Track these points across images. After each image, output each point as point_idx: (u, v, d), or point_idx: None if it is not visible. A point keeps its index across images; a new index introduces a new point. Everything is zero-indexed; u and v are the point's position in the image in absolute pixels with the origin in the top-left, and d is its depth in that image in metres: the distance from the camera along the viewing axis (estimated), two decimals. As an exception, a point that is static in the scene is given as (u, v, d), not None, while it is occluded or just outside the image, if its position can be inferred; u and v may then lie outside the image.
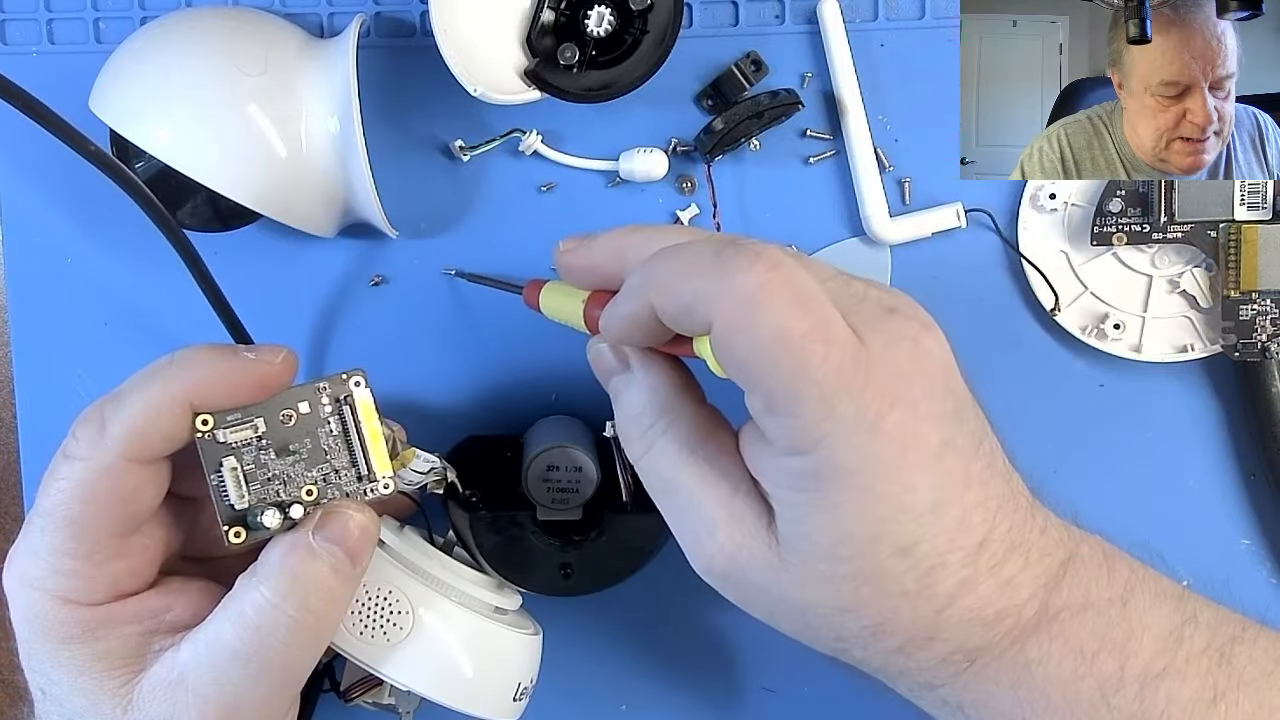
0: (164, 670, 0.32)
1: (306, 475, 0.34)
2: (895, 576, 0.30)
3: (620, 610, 0.45)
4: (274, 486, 0.33)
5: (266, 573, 0.32)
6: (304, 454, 0.34)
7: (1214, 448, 0.47)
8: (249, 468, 0.33)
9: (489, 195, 0.46)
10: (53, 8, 0.46)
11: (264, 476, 0.33)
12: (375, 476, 0.34)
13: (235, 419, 0.33)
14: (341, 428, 0.34)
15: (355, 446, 0.34)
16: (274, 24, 0.43)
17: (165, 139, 0.40)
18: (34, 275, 0.47)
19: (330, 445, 0.34)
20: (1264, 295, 0.45)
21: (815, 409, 0.29)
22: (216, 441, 0.32)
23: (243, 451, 0.33)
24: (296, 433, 0.34)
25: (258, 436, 0.33)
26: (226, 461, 0.33)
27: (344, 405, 0.34)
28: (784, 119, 0.45)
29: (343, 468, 0.34)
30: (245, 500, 0.33)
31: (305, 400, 0.34)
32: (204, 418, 0.32)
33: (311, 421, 0.34)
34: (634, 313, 0.32)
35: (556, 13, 0.42)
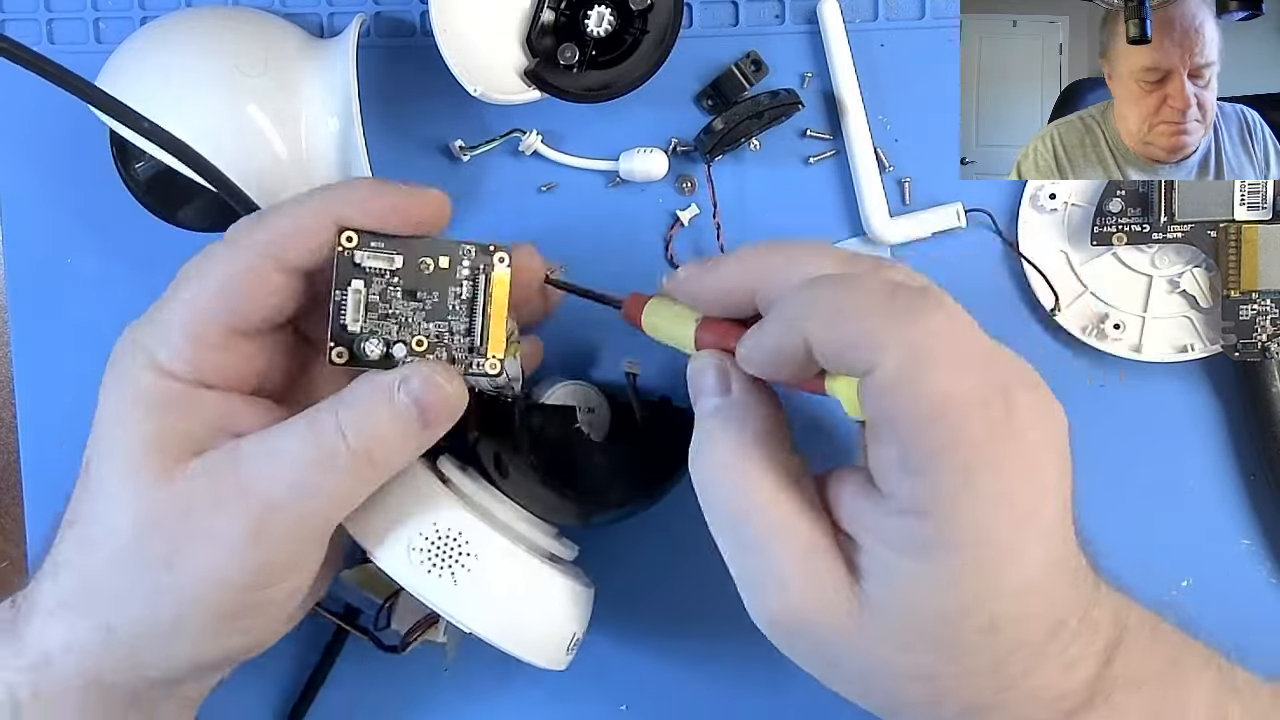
0: (221, 455, 0.33)
1: (423, 326, 0.34)
2: (976, 652, 0.29)
3: (619, 610, 0.45)
4: (390, 324, 0.34)
5: (348, 401, 0.33)
6: (428, 305, 0.34)
7: (1214, 448, 0.47)
8: (373, 297, 0.33)
9: (489, 195, 0.46)
10: (53, 8, 0.46)
11: (384, 310, 0.33)
12: (486, 353, 0.34)
13: (378, 246, 0.33)
14: (471, 293, 0.34)
15: (478, 317, 0.34)
16: (274, 24, 0.43)
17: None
18: (34, 275, 0.47)
19: (455, 306, 0.34)
20: (1264, 295, 0.45)
21: (955, 477, 0.28)
22: (353, 262, 0.33)
23: (373, 279, 0.33)
24: (428, 282, 0.34)
25: (392, 270, 0.33)
26: (355, 282, 0.33)
27: (481, 274, 0.34)
28: (784, 119, 0.45)
29: (459, 332, 0.34)
30: (358, 324, 0.33)
31: (447, 255, 0.34)
32: (349, 234, 0.33)
33: (446, 277, 0.34)
34: (783, 346, 0.30)
35: (556, 13, 0.42)
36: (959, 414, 0.27)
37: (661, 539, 0.46)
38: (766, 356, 0.32)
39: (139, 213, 0.44)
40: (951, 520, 0.28)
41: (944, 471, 0.28)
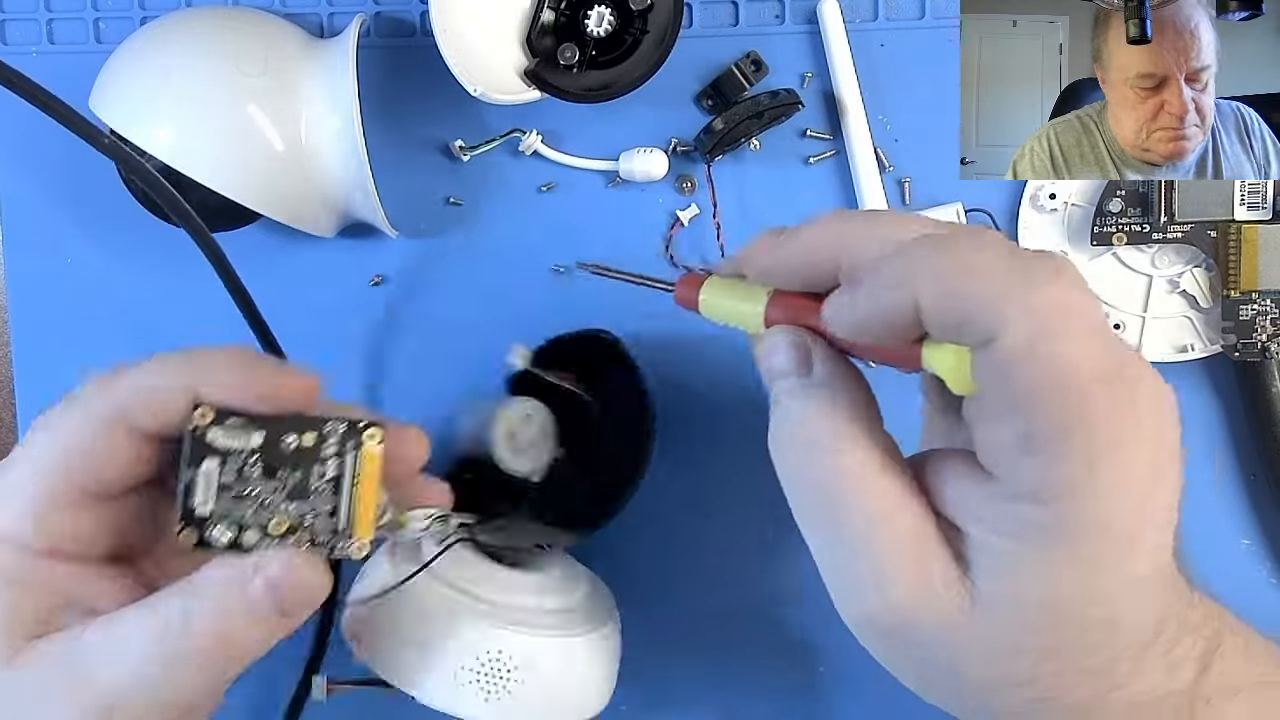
0: (65, 642, 0.30)
1: (283, 506, 0.31)
2: (1091, 651, 0.27)
3: (620, 611, 0.45)
4: (246, 506, 0.31)
5: (196, 590, 0.30)
6: (290, 483, 0.31)
7: (1214, 448, 0.47)
8: (228, 478, 0.30)
9: (489, 195, 0.46)
10: (53, 8, 0.46)
11: (239, 491, 0.31)
12: (352, 535, 0.31)
13: (235, 423, 0.30)
14: (338, 473, 0.31)
15: (344, 498, 0.31)
16: (274, 24, 0.43)
17: (165, 139, 0.40)
18: (34, 275, 0.47)
19: (319, 487, 0.31)
20: (1264, 295, 0.45)
21: (1080, 460, 0.26)
22: (204, 440, 0.30)
23: (228, 458, 0.30)
24: (291, 459, 0.31)
25: (250, 450, 0.30)
26: (207, 463, 0.30)
27: (349, 453, 0.31)
28: (784, 119, 0.45)
29: (322, 514, 0.31)
30: (208, 507, 0.30)
31: (313, 431, 0.31)
32: (203, 410, 0.30)
33: (310, 455, 0.31)
34: (889, 307, 0.27)
35: (556, 13, 0.42)
36: (1088, 389, 0.25)
37: (663, 536, 0.46)
38: (863, 317, 0.28)
39: (139, 213, 0.44)
40: (1073, 506, 0.26)
41: (1069, 451, 0.26)
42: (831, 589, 0.29)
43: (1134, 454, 0.27)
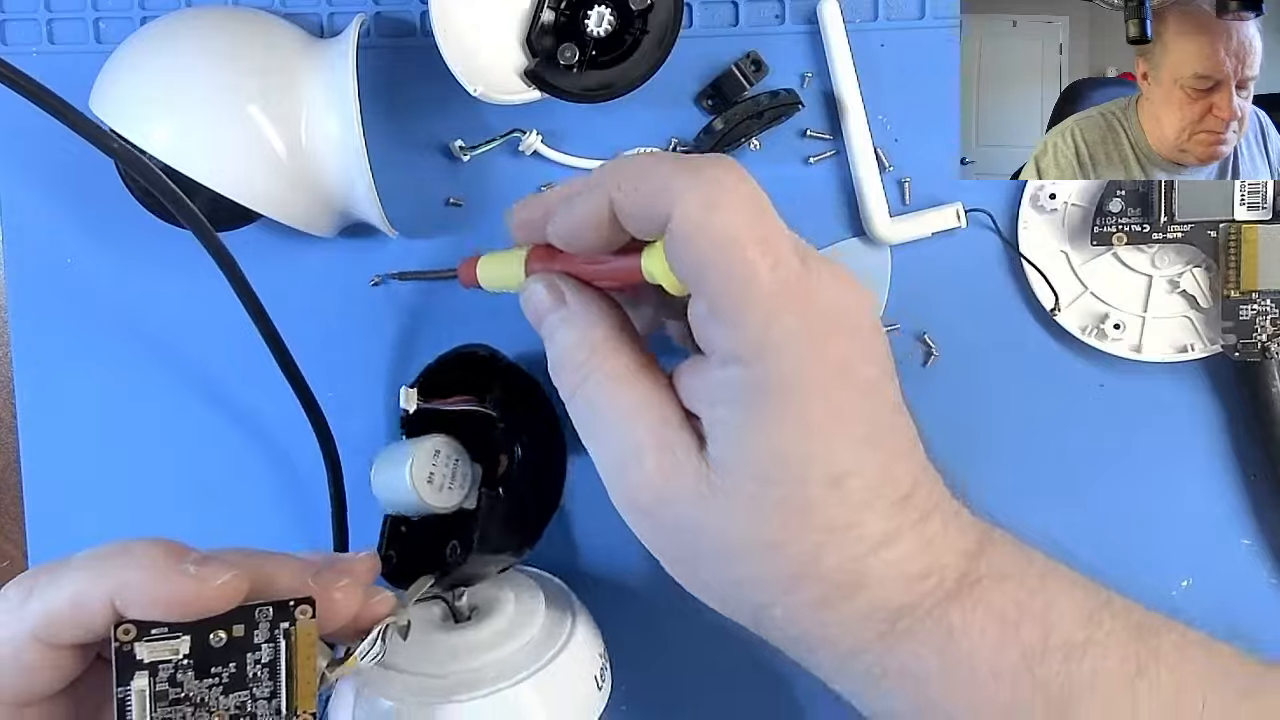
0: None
1: (221, 701, 0.31)
2: (823, 508, 0.30)
3: (621, 611, 0.45)
4: (183, 709, 0.30)
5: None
6: (224, 679, 0.31)
7: (1214, 448, 0.47)
8: (161, 687, 0.30)
9: (489, 195, 0.46)
10: (53, 8, 0.46)
11: (175, 696, 0.30)
12: (298, 711, 0.31)
13: (160, 634, 0.30)
14: (273, 656, 0.31)
15: (281, 678, 0.31)
16: (274, 24, 0.43)
17: (165, 139, 0.40)
18: (34, 275, 0.47)
19: (256, 673, 0.31)
20: (1264, 295, 0.45)
21: (760, 317, 0.29)
22: (133, 657, 0.29)
23: (159, 669, 0.30)
24: (222, 655, 0.30)
25: (180, 657, 0.30)
26: (138, 678, 0.30)
27: (281, 635, 0.31)
28: (784, 119, 0.45)
29: (262, 698, 0.31)
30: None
31: (242, 623, 0.30)
32: (126, 627, 0.29)
33: (242, 645, 0.31)
34: (590, 210, 0.32)
35: (556, 13, 0.42)
36: (750, 256, 0.29)
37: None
38: (574, 222, 0.33)
39: (139, 213, 0.44)
40: (768, 362, 0.29)
41: (750, 311, 0.29)
42: (604, 478, 0.33)
43: (815, 327, 0.30)
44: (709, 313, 0.30)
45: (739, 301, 0.29)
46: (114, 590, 0.29)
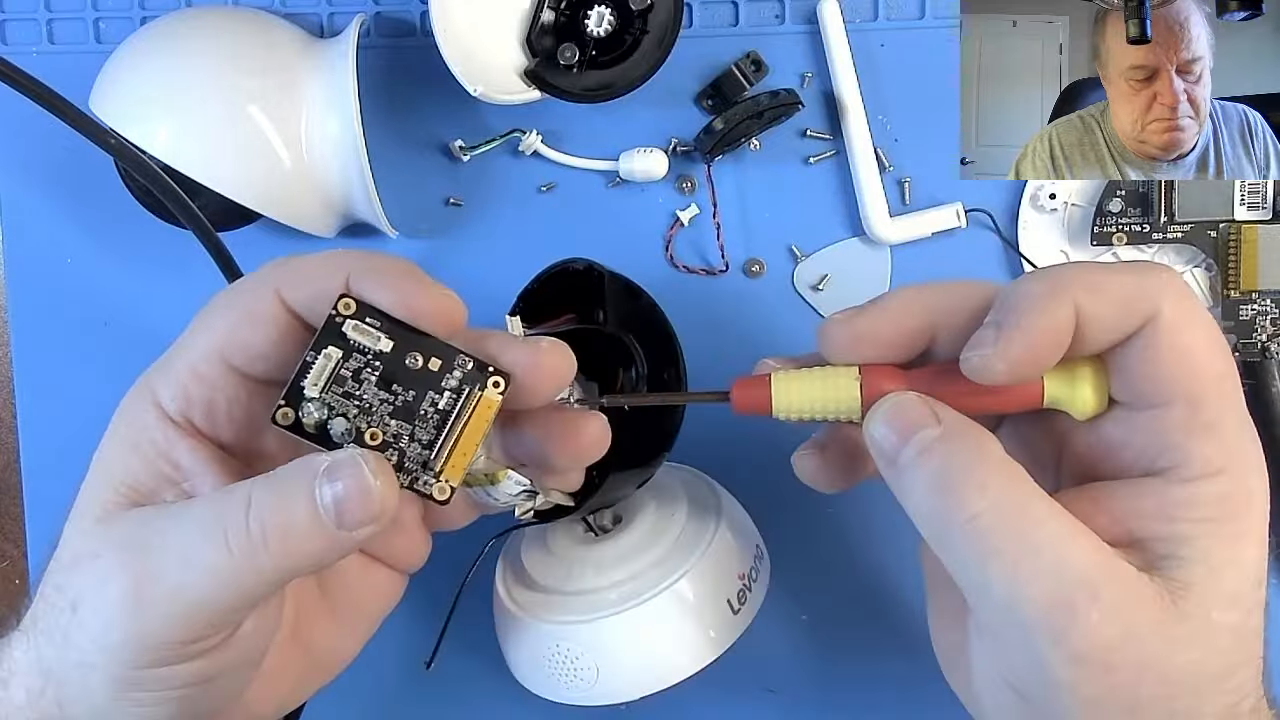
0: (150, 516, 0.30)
1: (385, 420, 0.30)
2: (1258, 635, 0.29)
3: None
4: (349, 406, 0.30)
5: (266, 482, 0.29)
6: (399, 401, 0.30)
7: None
8: (344, 371, 0.30)
9: (489, 195, 0.46)
10: (53, 8, 0.46)
11: (349, 389, 0.30)
12: (439, 474, 0.30)
13: (372, 323, 0.30)
14: (450, 406, 0.30)
15: (445, 434, 0.30)
16: (274, 24, 0.43)
17: (165, 139, 0.40)
18: (34, 275, 0.47)
19: (426, 412, 0.30)
20: (1264, 295, 0.45)
21: (1235, 427, 0.28)
22: (339, 330, 0.30)
23: (351, 354, 0.30)
24: (409, 378, 0.30)
25: (375, 353, 0.30)
26: (331, 349, 0.30)
27: (467, 390, 0.30)
28: (784, 119, 0.45)
29: (420, 441, 0.30)
30: (315, 390, 0.30)
31: (440, 359, 0.30)
32: (347, 301, 0.30)
33: (429, 379, 0.30)
34: (1052, 324, 0.28)
35: (556, 13, 0.42)
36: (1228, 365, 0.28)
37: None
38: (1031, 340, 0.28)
39: (139, 213, 0.44)
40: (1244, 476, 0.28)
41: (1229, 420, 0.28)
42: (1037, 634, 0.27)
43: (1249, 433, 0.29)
44: (1187, 420, 0.28)
45: (1224, 408, 0.28)
46: (355, 269, 0.30)
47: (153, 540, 0.29)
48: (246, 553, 0.29)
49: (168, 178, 0.37)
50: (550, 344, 0.32)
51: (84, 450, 0.46)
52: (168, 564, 0.29)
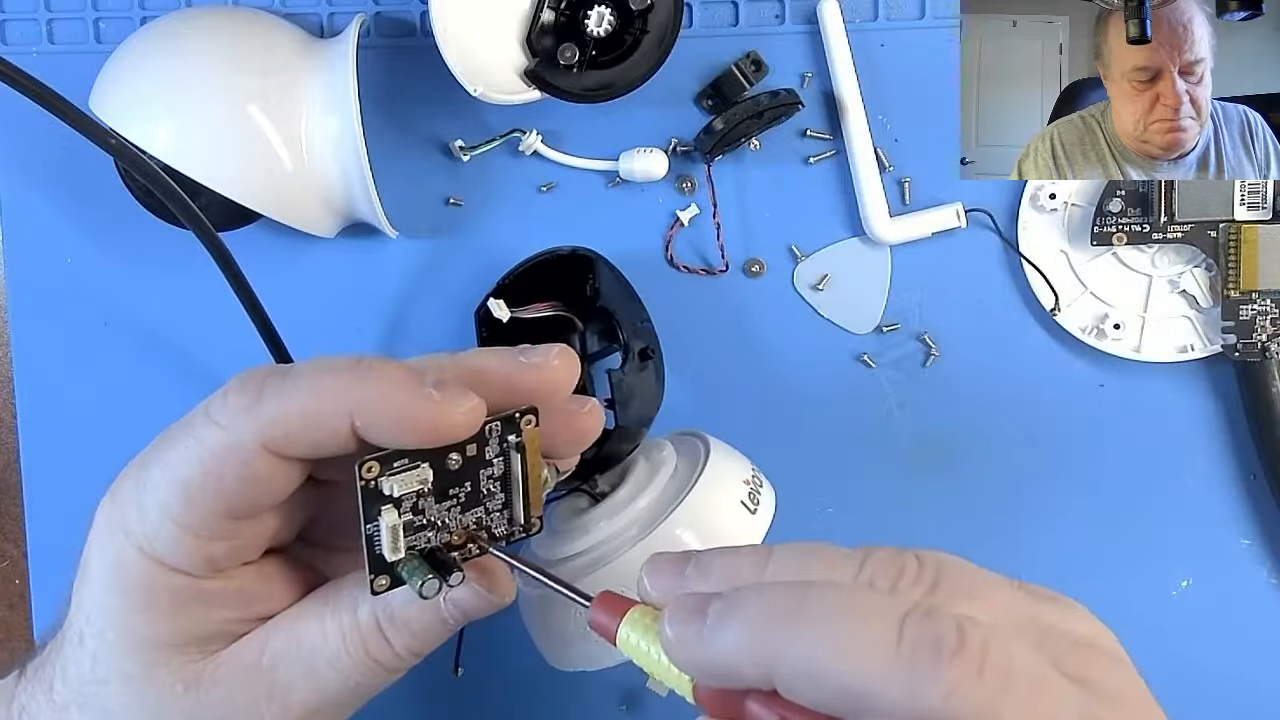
0: (249, 654, 0.30)
1: (459, 520, 0.30)
2: None
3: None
4: (426, 534, 0.29)
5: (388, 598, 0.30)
6: (461, 498, 0.30)
7: (1214, 448, 0.47)
8: (406, 518, 0.29)
9: (489, 195, 0.46)
10: (53, 8, 0.46)
11: (419, 524, 0.29)
12: (531, 519, 0.31)
13: (403, 465, 0.28)
14: (504, 470, 0.30)
15: (515, 490, 0.30)
16: (274, 24, 0.43)
17: (165, 139, 0.40)
18: (34, 275, 0.47)
19: (489, 489, 0.30)
20: (1264, 295, 0.45)
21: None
22: (379, 492, 0.28)
23: (403, 501, 0.29)
24: (458, 478, 0.29)
25: (426, 486, 0.29)
26: (386, 512, 0.28)
27: (511, 449, 0.30)
28: (784, 119, 0.45)
29: (495, 511, 0.31)
30: (399, 553, 0.29)
31: (474, 442, 0.29)
32: (370, 465, 0.28)
33: (475, 465, 0.30)
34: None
35: (556, 13, 0.42)
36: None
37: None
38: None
39: (139, 213, 0.44)
40: None
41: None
42: None
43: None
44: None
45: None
46: (355, 407, 0.27)
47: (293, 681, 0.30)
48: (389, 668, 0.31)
49: (168, 178, 0.37)
50: (559, 355, 0.31)
51: (84, 450, 0.46)
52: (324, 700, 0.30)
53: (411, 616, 0.30)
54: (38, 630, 0.49)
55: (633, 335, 0.44)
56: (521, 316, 0.43)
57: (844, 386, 0.47)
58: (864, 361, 0.47)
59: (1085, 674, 0.24)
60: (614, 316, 0.44)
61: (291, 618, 0.31)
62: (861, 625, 0.23)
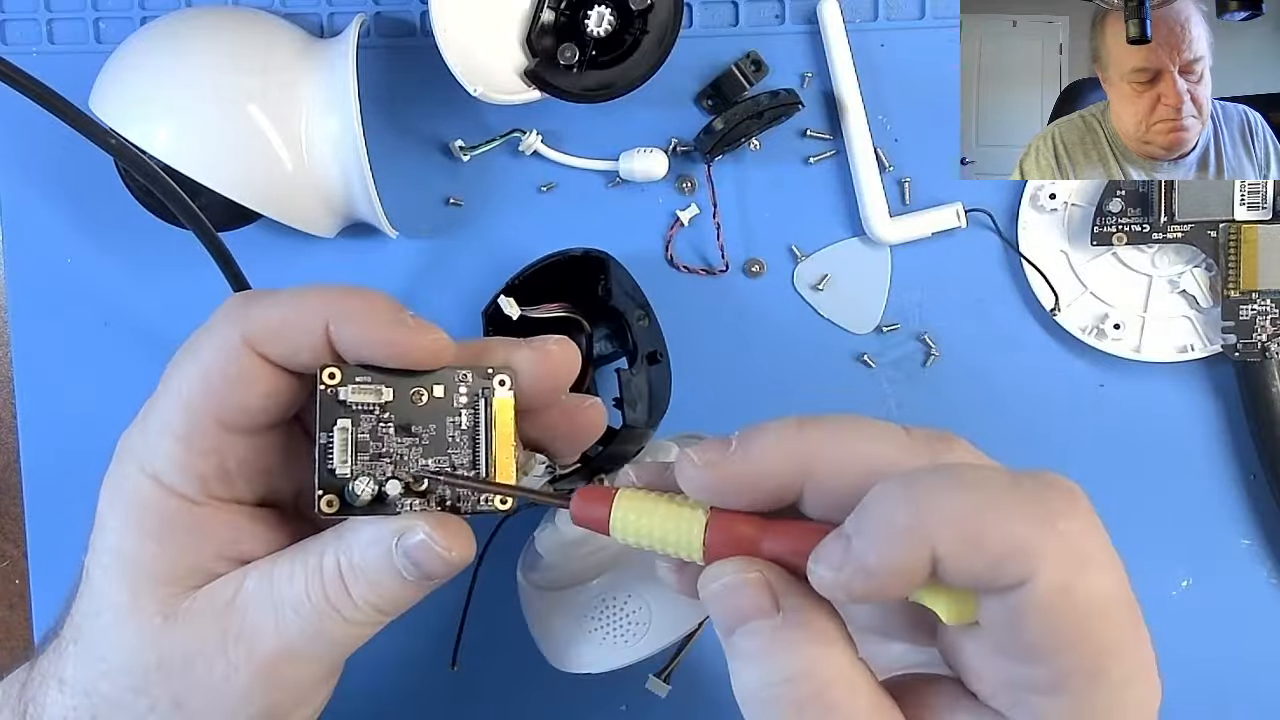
0: (224, 592, 0.31)
1: (421, 462, 0.30)
2: None
3: None
4: (383, 465, 0.30)
5: (348, 545, 0.30)
6: (425, 439, 0.30)
7: (1214, 448, 0.47)
8: (362, 436, 0.29)
9: (489, 195, 0.46)
10: (53, 8, 0.46)
11: (376, 450, 0.30)
12: (495, 480, 0.31)
13: (364, 380, 0.29)
14: (472, 423, 0.30)
15: (480, 448, 0.30)
16: (274, 24, 0.43)
17: (165, 139, 0.40)
18: (34, 275, 0.47)
19: (455, 438, 0.30)
20: (1264, 295, 0.45)
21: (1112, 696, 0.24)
22: (337, 399, 0.29)
23: (360, 416, 0.29)
24: (423, 415, 0.30)
25: (381, 404, 0.30)
26: (341, 421, 0.29)
27: (480, 401, 0.30)
28: (784, 119, 0.45)
29: (462, 466, 0.30)
30: (347, 467, 0.29)
31: (441, 383, 0.30)
32: (331, 371, 0.29)
33: (442, 408, 0.30)
34: (899, 564, 0.24)
35: (556, 13, 0.42)
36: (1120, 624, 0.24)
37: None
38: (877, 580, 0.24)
39: (139, 213, 0.44)
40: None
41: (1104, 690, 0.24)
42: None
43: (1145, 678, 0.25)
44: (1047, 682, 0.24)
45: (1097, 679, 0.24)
46: (333, 315, 0.29)
47: (260, 625, 0.30)
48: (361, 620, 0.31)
49: (168, 178, 0.37)
50: (557, 342, 0.32)
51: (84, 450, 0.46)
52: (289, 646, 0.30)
53: (369, 563, 0.30)
54: (38, 630, 0.49)
55: (642, 337, 0.44)
56: (531, 315, 0.43)
57: (844, 386, 0.47)
58: (864, 361, 0.47)
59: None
60: (624, 318, 0.44)
61: (269, 562, 0.31)
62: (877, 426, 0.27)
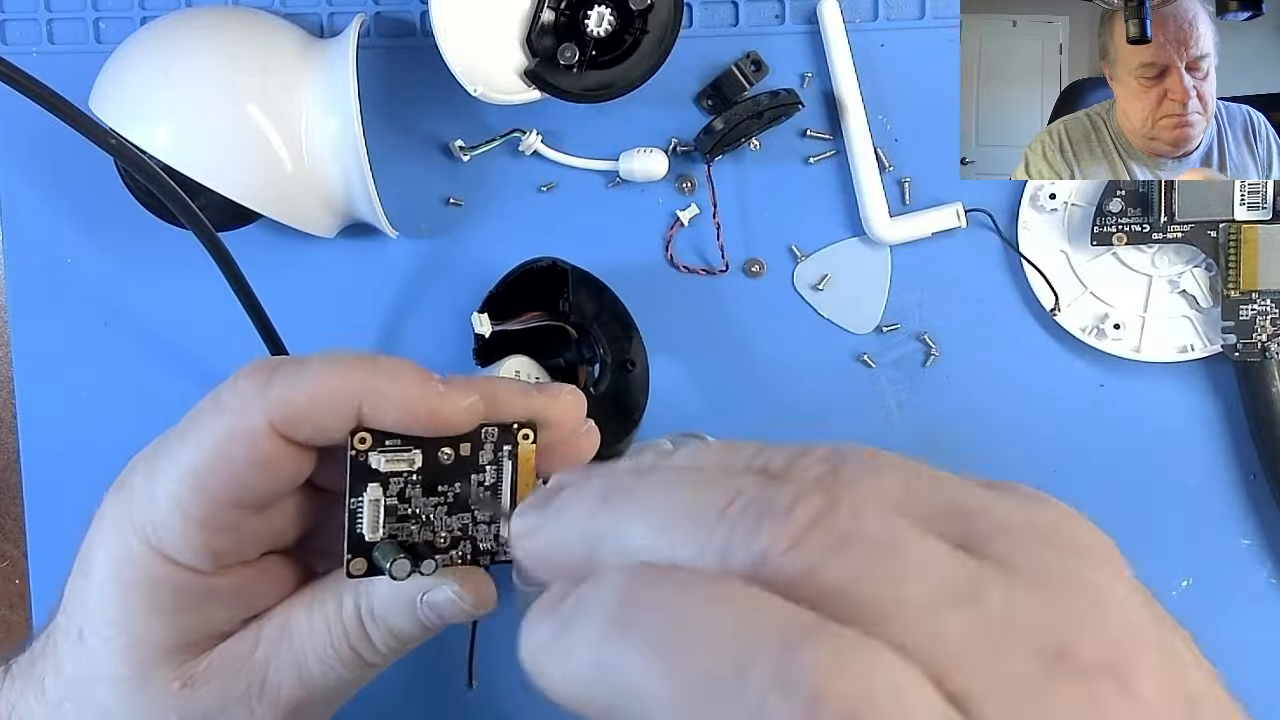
0: (240, 647, 0.30)
1: (446, 521, 0.30)
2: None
3: None
4: (410, 526, 0.30)
5: (371, 595, 0.30)
6: (450, 497, 0.30)
7: (1214, 448, 0.47)
8: (391, 501, 0.29)
9: (489, 195, 0.46)
10: (53, 8, 0.46)
11: (403, 512, 0.30)
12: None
13: (394, 445, 0.29)
14: (496, 478, 0.31)
15: (504, 503, 0.31)
16: (274, 24, 0.43)
17: (165, 139, 0.40)
18: (34, 275, 0.47)
19: (478, 496, 0.31)
20: (1264, 295, 0.45)
21: None
22: (368, 465, 0.29)
23: (390, 482, 0.29)
24: (449, 473, 0.30)
25: (413, 470, 0.30)
26: (371, 488, 0.29)
27: (505, 457, 0.30)
28: (784, 119, 0.45)
29: (482, 522, 0.31)
30: (378, 534, 0.29)
31: (468, 441, 0.30)
32: (362, 436, 0.29)
33: (467, 465, 0.30)
34: None
35: (556, 13, 0.42)
36: None
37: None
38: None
39: (139, 213, 0.44)
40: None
41: None
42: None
43: None
44: None
45: None
46: (363, 393, 0.28)
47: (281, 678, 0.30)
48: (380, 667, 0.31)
49: (168, 178, 0.37)
50: (569, 393, 0.32)
51: (84, 450, 0.46)
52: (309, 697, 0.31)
53: (390, 616, 0.31)
54: (38, 630, 0.49)
55: (610, 349, 0.44)
56: (507, 329, 0.43)
57: (844, 387, 0.47)
58: (864, 361, 0.47)
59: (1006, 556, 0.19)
60: (588, 331, 0.44)
61: (282, 612, 0.31)
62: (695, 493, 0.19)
